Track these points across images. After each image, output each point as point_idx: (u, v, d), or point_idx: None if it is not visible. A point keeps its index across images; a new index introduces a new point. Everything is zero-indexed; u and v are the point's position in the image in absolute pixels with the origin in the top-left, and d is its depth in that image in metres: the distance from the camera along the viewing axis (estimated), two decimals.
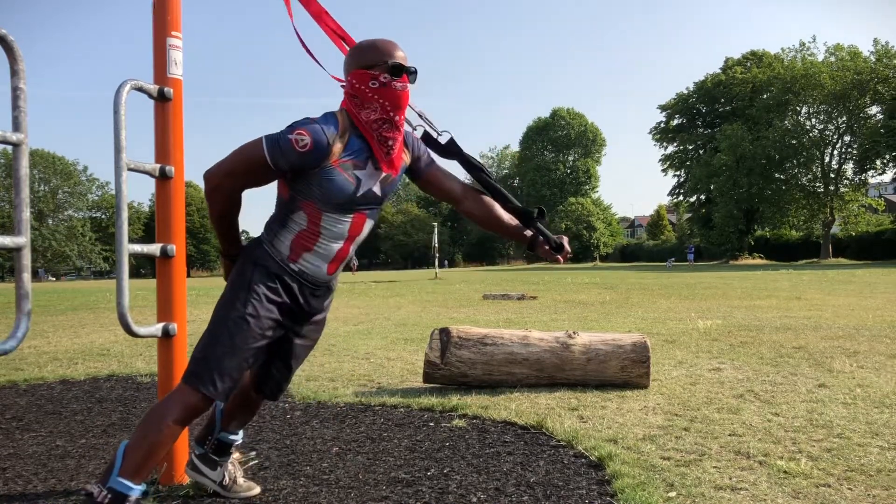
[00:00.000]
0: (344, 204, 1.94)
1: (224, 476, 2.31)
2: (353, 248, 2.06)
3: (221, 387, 1.88)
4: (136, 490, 1.83)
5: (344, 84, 1.99)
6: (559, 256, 2.19)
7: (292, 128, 1.85)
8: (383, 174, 1.99)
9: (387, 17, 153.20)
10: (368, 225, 2.05)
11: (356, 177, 1.93)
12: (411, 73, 1.95)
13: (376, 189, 1.99)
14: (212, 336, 1.91)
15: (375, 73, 1.89)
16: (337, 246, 2.00)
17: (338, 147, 1.88)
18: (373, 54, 1.91)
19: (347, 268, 2.17)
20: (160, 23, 2.37)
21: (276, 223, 1.99)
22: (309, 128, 1.84)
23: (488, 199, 2.21)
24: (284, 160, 1.84)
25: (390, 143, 1.95)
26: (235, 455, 2.39)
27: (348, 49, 2.06)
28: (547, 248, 2.18)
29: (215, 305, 1.98)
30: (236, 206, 1.99)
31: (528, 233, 2.21)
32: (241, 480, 2.35)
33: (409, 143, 2.11)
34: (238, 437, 2.35)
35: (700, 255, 49.71)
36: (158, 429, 1.84)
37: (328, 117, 1.90)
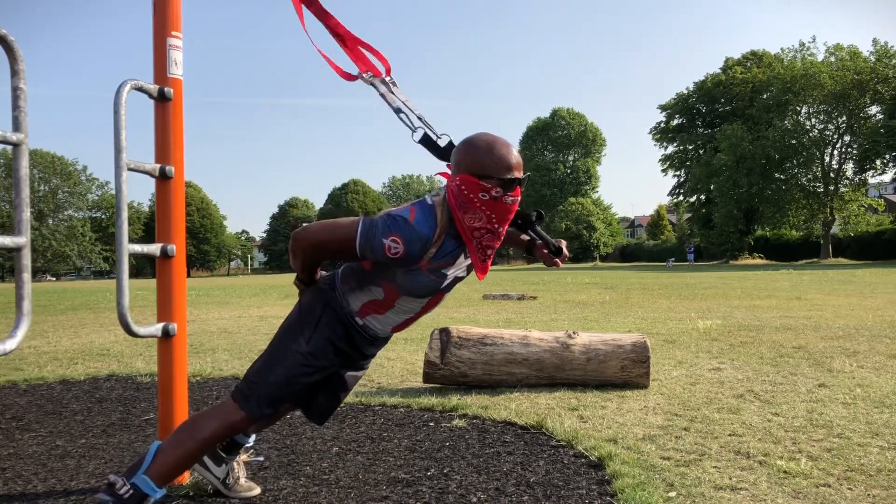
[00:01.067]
0: (420, 295, 1.93)
1: (228, 474, 2.31)
2: (422, 316, 2.07)
3: (265, 412, 1.92)
4: (159, 493, 1.86)
5: (448, 178, 1.90)
6: (557, 260, 2.15)
7: (388, 229, 1.76)
8: (469, 269, 1.95)
9: (389, 18, 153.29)
10: (443, 299, 2.05)
11: (443, 275, 1.88)
12: (523, 182, 1.85)
13: (461, 274, 1.95)
14: (269, 363, 1.94)
15: (488, 187, 1.77)
16: (408, 317, 2.02)
17: (430, 253, 1.82)
18: (489, 164, 1.77)
19: None
20: (160, 23, 2.37)
21: (354, 282, 1.97)
22: (405, 236, 1.76)
23: None
24: (372, 256, 1.80)
25: (489, 252, 1.89)
26: (242, 456, 2.39)
27: (373, 50, 2.02)
28: (546, 251, 2.14)
29: (280, 327, 2.01)
30: (318, 264, 2.02)
31: (525, 237, 2.19)
32: (243, 480, 2.35)
33: None
34: (251, 440, 2.36)
35: (700, 255, 49.72)
36: (195, 439, 1.88)
37: (428, 217, 1.80)
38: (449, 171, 1.95)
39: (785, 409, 3.44)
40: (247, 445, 2.36)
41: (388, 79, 2.27)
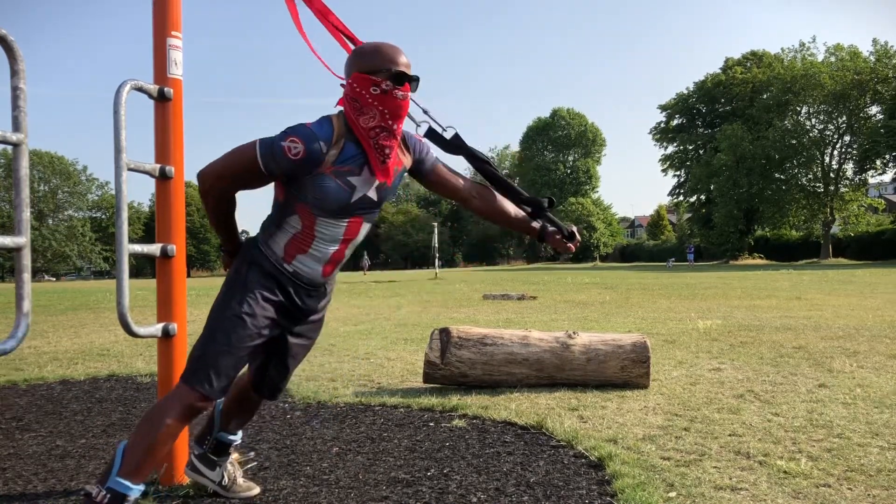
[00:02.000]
0: (338, 210, 1.92)
1: (223, 476, 2.31)
2: (349, 251, 2.05)
3: (217, 385, 1.88)
4: (136, 490, 1.83)
5: (343, 84, 1.96)
6: (571, 245, 2.18)
7: (286, 134, 1.82)
8: (378, 182, 1.96)
9: (389, 18, 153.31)
10: (365, 228, 2.03)
11: (350, 183, 1.90)
12: (413, 82, 1.91)
13: (372, 194, 1.96)
14: (208, 334, 1.91)
15: (377, 80, 1.85)
16: (332, 249, 1.99)
17: (332, 154, 1.86)
18: (376, 59, 1.87)
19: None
20: (160, 23, 2.37)
21: (272, 224, 1.99)
22: (302, 135, 1.82)
23: (494, 194, 2.21)
24: (276, 166, 1.83)
25: (386, 151, 1.92)
26: (234, 455, 2.39)
27: (352, 48, 2.04)
28: (559, 237, 2.18)
29: (212, 304, 1.98)
30: (230, 205, 1.99)
31: (536, 224, 2.21)
32: (240, 480, 2.35)
33: (411, 145, 2.08)
34: (237, 438, 2.35)
35: (700, 255, 49.73)
36: (157, 428, 1.84)
37: (323, 123, 1.87)
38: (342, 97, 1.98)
39: (785, 409, 3.43)
40: (236, 444, 2.35)
41: None
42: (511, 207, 2.21)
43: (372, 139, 1.89)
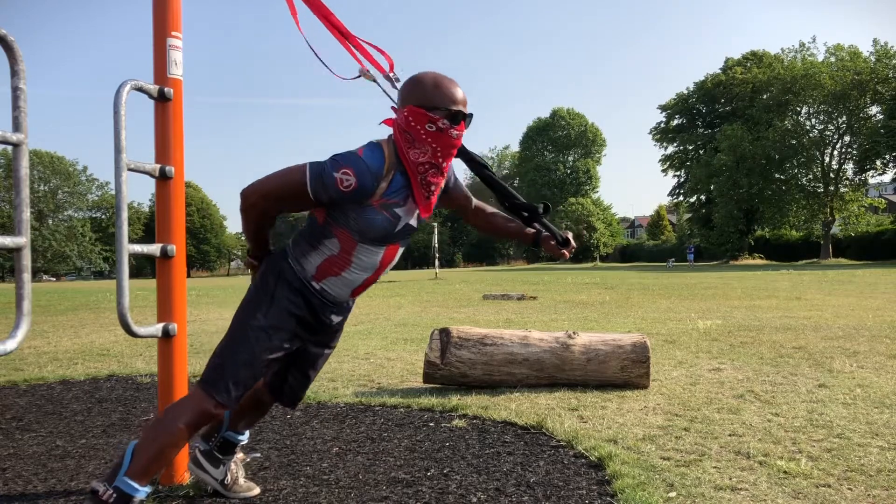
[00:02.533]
0: (381, 238, 1.91)
1: (226, 475, 2.31)
2: (383, 275, 2.05)
3: (234, 394, 1.88)
4: (142, 492, 1.83)
5: (396, 112, 1.92)
6: (565, 251, 2.18)
7: (338, 164, 1.79)
8: (418, 212, 1.96)
9: (389, 18, 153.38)
10: (400, 252, 2.03)
11: (396, 214, 1.89)
12: (468, 119, 1.89)
13: (413, 222, 1.96)
14: (230, 344, 1.90)
15: (435, 118, 1.82)
16: (366, 275, 1.98)
17: (382, 187, 1.84)
18: (436, 96, 1.83)
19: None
20: (160, 23, 2.37)
21: (306, 242, 1.96)
22: (356, 167, 1.78)
23: (489, 208, 2.29)
24: (326, 196, 1.80)
25: (433, 188, 1.92)
26: (239, 455, 2.39)
27: (375, 46, 2.02)
28: (553, 242, 2.18)
29: (237, 310, 1.98)
30: (271, 222, 1.98)
31: (531, 231, 2.23)
32: (242, 480, 2.35)
33: (448, 172, 2.08)
34: (244, 438, 2.35)
35: (700, 255, 49.71)
36: (169, 432, 1.84)
37: (375, 152, 1.84)
38: (394, 116, 1.95)
39: (785, 409, 3.43)
40: (242, 444, 2.35)
41: (391, 75, 2.27)
42: (502, 218, 2.27)
43: (420, 175, 1.88)
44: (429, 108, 1.83)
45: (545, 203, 2.21)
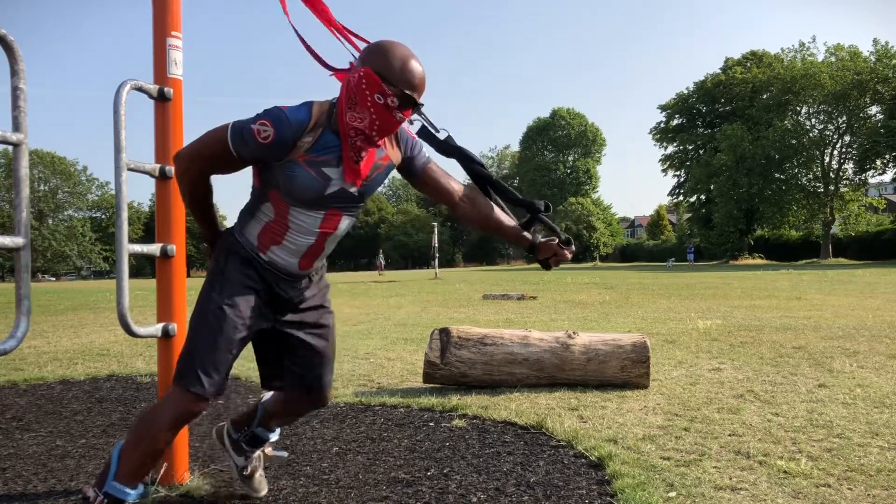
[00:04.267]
0: (312, 201, 1.84)
1: (247, 466, 2.30)
2: (328, 244, 1.97)
3: (208, 382, 1.80)
4: (133, 494, 1.80)
5: (351, 69, 1.86)
6: (567, 252, 2.06)
7: (258, 117, 1.76)
8: (346, 181, 1.87)
9: (388, 17, 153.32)
10: (345, 223, 1.95)
11: (325, 174, 1.82)
12: (416, 109, 1.84)
13: (351, 189, 1.88)
14: (193, 332, 1.85)
15: (387, 91, 1.75)
16: (308, 241, 1.91)
17: (305, 141, 1.79)
18: (399, 72, 1.76)
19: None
20: (160, 23, 2.37)
21: (247, 213, 1.93)
22: (274, 119, 1.74)
23: (487, 201, 2.10)
24: (246, 150, 1.77)
25: (361, 154, 1.85)
26: (267, 449, 2.37)
27: (368, 42, 1.89)
28: (556, 242, 2.05)
29: (196, 300, 1.92)
30: (206, 190, 1.93)
31: (528, 235, 2.10)
32: (258, 475, 2.32)
33: (402, 140, 2.00)
34: (274, 436, 2.33)
35: (700, 255, 49.73)
36: (151, 434, 1.80)
37: (301, 108, 1.80)
38: (345, 72, 1.91)
39: (785, 409, 3.43)
40: (272, 440, 2.33)
41: None
42: (504, 216, 2.11)
43: (350, 139, 1.82)
44: (386, 79, 1.75)
45: (546, 202, 2.12)
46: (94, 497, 1.80)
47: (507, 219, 2.12)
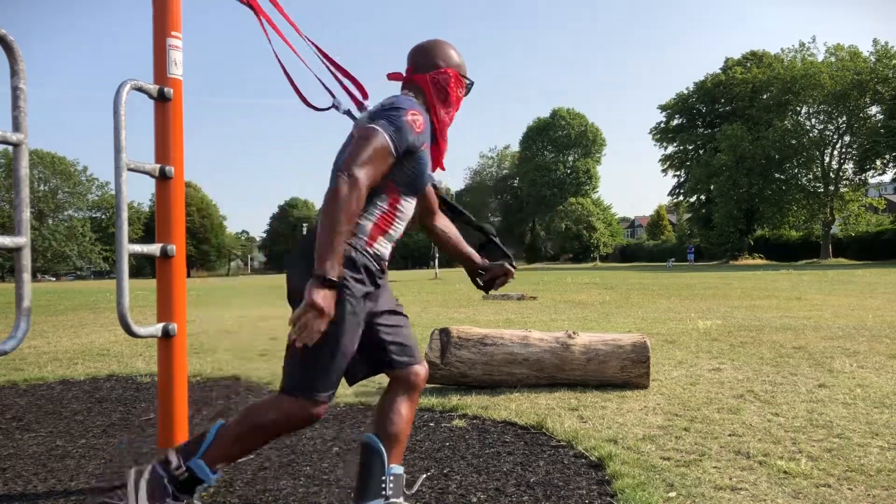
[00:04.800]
0: (421, 186, 1.95)
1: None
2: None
3: (326, 396, 1.79)
4: (212, 479, 1.81)
5: (424, 72, 1.98)
6: (510, 269, 2.22)
7: (399, 111, 1.80)
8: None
9: (388, 17, 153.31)
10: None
11: (426, 158, 1.95)
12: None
13: (432, 175, 2.06)
14: (316, 343, 1.72)
15: (465, 84, 2.02)
16: (402, 228, 1.97)
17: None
18: (462, 66, 2.02)
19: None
20: (160, 23, 2.36)
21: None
22: (417, 107, 1.86)
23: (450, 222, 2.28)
24: (405, 145, 1.80)
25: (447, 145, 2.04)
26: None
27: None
28: (500, 253, 2.24)
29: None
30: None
31: (476, 259, 2.24)
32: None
33: None
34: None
35: (700, 255, 49.74)
36: (262, 438, 1.83)
37: (413, 101, 1.90)
38: (404, 74, 2.03)
39: (785, 409, 3.43)
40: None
41: (365, 103, 2.17)
42: (457, 235, 2.27)
43: (440, 132, 1.99)
44: (463, 76, 2.01)
45: (490, 227, 2.30)
46: (177, 465, 1.79)
47: (463, 239, 2.30)
